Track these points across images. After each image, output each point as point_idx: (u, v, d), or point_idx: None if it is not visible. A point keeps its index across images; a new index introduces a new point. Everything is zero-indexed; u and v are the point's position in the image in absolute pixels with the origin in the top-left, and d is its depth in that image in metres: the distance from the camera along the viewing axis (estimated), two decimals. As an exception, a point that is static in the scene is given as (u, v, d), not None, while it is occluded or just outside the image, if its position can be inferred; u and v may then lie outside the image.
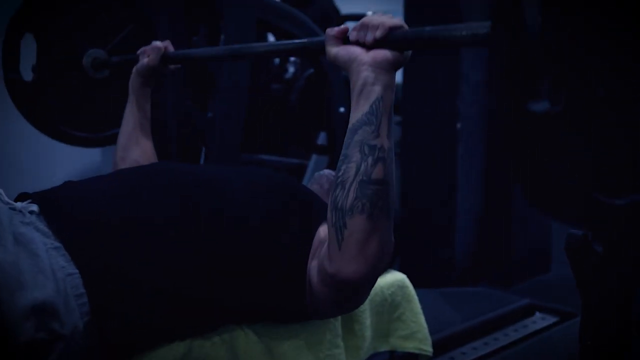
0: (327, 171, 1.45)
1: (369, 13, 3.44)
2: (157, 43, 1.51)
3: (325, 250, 0.92)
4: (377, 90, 0.90)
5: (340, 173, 0.88)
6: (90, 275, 0.87)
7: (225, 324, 0.98)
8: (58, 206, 0.97)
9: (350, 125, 0.90)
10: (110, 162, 1.58)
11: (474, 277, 2.77)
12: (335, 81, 2.31)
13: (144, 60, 1.50)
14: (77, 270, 0.87)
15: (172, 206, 0.98)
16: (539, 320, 2.11)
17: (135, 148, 1.50)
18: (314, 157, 2.69)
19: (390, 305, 1.36)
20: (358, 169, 0.86)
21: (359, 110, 0.90)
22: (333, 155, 2.41)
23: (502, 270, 2.82)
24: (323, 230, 1.01)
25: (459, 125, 2.69)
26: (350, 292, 0.91)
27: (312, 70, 2.37)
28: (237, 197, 1.04)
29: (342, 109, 2.32)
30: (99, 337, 0.84)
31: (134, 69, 1.54)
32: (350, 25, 0.99)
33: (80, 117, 1.93)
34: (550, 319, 2.11)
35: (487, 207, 2.82)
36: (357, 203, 0.86)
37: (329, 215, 0.89)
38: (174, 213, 0.97)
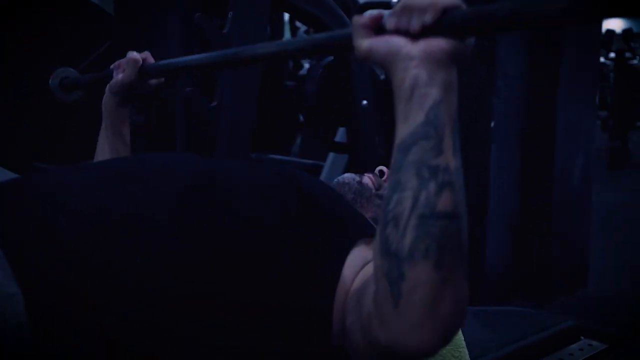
0: (347, 176, 1.24)
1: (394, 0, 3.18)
2: (134, 54, 1.30)
3: (371, 305, 0.71)
4: (434, 92, 0.69)
5: (392, 206, 0.68)
6: (39, 296, 0.72)
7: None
8: (6, 199, 0.82)
9: (398, 142, 0.71)
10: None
11: (506, 293, 2.53)
12: (358, 70, 2.06)
13: (118, 77, 1.31)
14: (18, 290, 0.71)
15: (172, 201, 0.90)
16: (586, 347, 1.85)
17: None
18: (331, 156, 2.45)
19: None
20: (416, 200, 0.66)
21: (410, 121, 0.69)
22: (354, 154, 2.16)
23: (539, 286, 2.56)
24: (358, 255, 0.87)
25: (492, 124, 2.44)
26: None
27: (331, 58, 2.12)
28: (238, 190, 0.95)
29: (365, 102, 2.07)
30: (98, 334, 0.77)
31: (107, 87, 1.34)
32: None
33: (57, 148, 1.68)
34: (598, 346, 1.85)
35: (522, 215, 2.56)
36: (419, 246, 0.65)
37: (377, 261, 0.69)
38: (174, 207, 0.89)
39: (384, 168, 1.29)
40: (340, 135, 2.34)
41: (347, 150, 2.22)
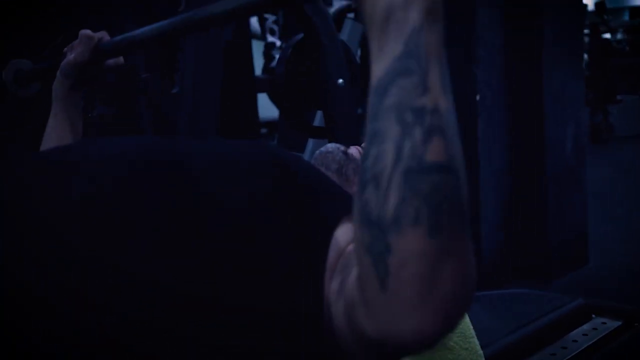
0: (330, 146, 1.14)
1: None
2: (87, 32, 1.20)
3: (354, 289, 0.59)
4: (413, 17, 0.56)
5: (369, 162, 0.55)
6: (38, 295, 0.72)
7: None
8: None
9: (374, 84, 0.56)
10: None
11: (504, 274, 2.39)
12: (330, 47, 1.90)
13: (70, 57, 1.20)
14: None
15: (169, 202, 0.84)
16: (600, 326, 1.71)
17: None
18: (311, 142, 2.28)
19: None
20: (399, 151, 0.53)
21: (385, 55, 0.56)
22: (333, 138, 2.00)
23: (538, 265, 2.43)
24: (342, 236, 0.76)
25: (477, 97, 2.30)
26: (402, 354, 0.57)
27: (300, 36, 1.95)
28: (229, 188, 0.86)
29: (340, 81, 1.91)
30: (98, 334, 0.75)
31: (59, 70, 1.22)
32: None
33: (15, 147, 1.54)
34: (612, 323, 1.71)
35: (514, 191, 2.42)
36: (406, 209, 0.51)
37: (357, 234, 0.56)
38: (172, 207, 0.83)
39: None
40: (319, 119, 2.18)
41: (326, 134, 2.06)
